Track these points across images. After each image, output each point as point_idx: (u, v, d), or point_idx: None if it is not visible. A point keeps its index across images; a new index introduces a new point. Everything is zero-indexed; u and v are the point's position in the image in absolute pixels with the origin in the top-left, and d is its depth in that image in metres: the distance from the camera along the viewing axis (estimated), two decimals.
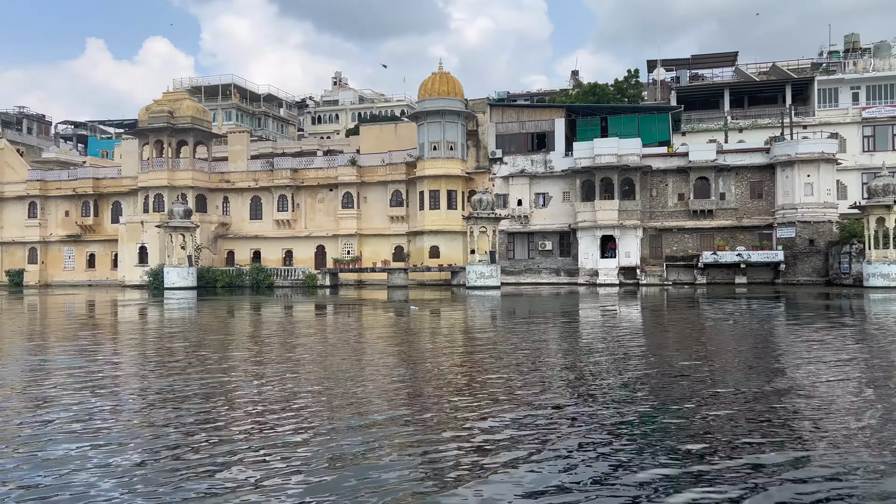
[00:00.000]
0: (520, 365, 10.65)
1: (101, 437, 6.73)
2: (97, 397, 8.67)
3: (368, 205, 45.83)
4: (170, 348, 13.94)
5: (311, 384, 9.33)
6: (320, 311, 24.87)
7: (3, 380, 10.03)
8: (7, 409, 8.03)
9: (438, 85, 42.56)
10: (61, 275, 51.70)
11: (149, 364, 11.65)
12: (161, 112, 46.70)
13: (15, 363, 11.78)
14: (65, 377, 10.11)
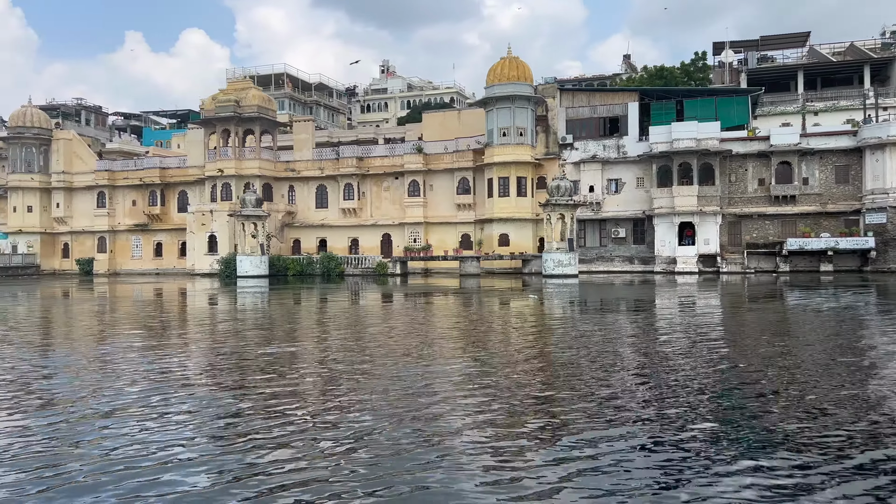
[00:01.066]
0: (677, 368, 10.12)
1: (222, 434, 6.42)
2: (234, 390, 8.41)
3: (434, 192, 45.45)
4: (314, 337, 13.70)
5: (487, 373, 8.94)
6: (418, 299, 24.55)
7: (134, 376, 9.87)
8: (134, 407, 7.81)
9: (508, 70, 41.83)
10: (129, 263, 52.54)
11: (287, 357, 11.41)
12: (227, 101, 46.90)
13: (149, 358, 11.65)
14: (211, 361, 9.91)
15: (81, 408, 7.38)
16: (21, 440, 6.20)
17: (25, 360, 10.84)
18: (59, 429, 6.56)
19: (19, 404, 7.76)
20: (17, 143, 52.52)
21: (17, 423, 6.91)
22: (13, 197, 52.87)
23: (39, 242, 53.11)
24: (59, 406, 7.53)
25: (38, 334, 15.08)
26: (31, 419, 6.99)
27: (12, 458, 5.68)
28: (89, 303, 25.14)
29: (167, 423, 6.70)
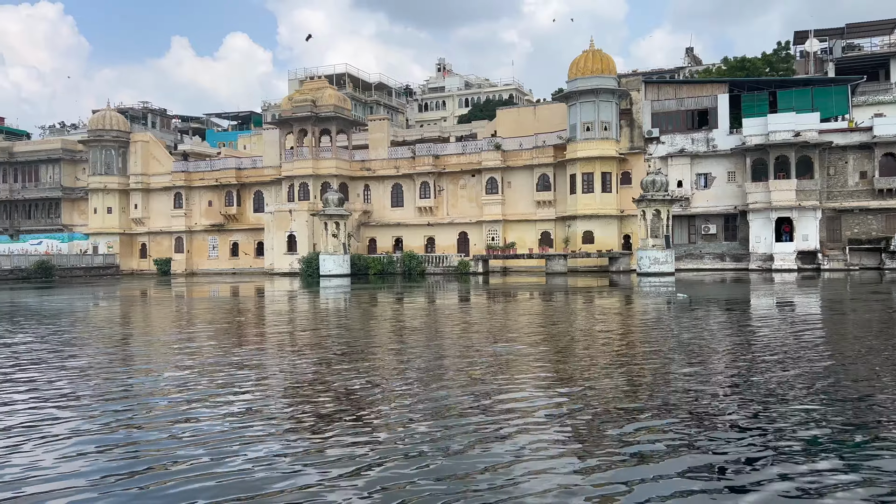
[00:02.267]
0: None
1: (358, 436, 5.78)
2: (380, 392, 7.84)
3: (513, 189, 44.77)
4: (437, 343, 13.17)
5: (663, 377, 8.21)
6: (526, 299, 23.89)
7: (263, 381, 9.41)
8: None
9: (591, 63, 40.89)
10: (205, 263, 53.22)
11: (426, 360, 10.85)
12: (304, 101, 47.05)
13: (270, 363, 11.23)
14: (346, 368, 9.40)
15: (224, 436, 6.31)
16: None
17: (170, 363, 10.57)
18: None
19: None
20: (98, 146, 53.69)
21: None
22: (94, 198, 54.07)
23: (118, 243, 54.20)
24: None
25: (168, 338, 14.92)
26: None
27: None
28: (198, 305, 25.15)
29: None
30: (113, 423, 6.70)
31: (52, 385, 8.73)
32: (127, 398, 7.91)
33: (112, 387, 8.55)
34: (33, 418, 6.96)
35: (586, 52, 41.80)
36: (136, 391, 8.35)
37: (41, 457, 5.67)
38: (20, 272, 45.51)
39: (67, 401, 7.79)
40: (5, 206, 57.58)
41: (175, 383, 8.63)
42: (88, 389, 8.44)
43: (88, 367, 10.00)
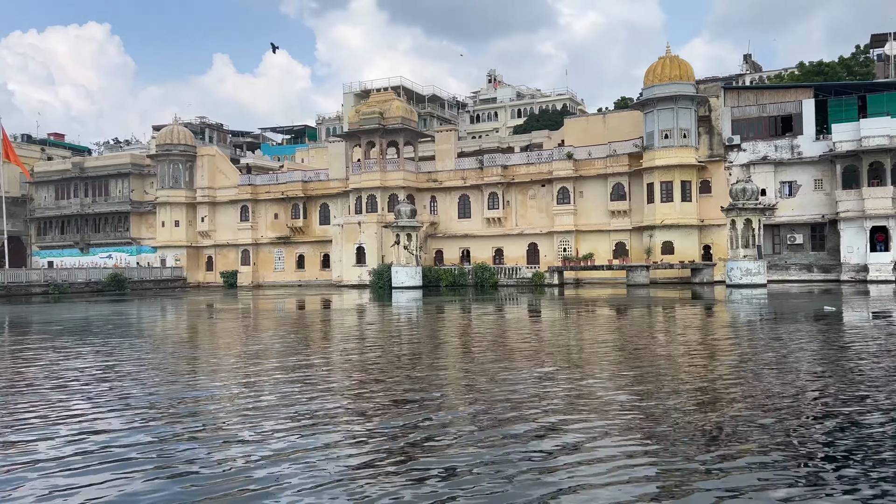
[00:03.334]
0: None
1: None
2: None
3: (585, 199, 43.90)
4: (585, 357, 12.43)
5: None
6: (624, 312, 23.01)
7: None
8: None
9: (669, 69, 39.95)
10: (271, 276, 53.44)
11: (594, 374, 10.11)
12: (372, 114, 47.05)
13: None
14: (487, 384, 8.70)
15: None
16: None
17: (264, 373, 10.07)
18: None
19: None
20: (165, 160, 54.54)
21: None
22: (161, 212, 54.86)
23: (185, 256, 54.82)
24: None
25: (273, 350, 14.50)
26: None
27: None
28: (287, 317, 24.89)
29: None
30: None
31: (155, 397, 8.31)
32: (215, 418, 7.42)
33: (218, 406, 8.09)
34: (125, 428, 6.55)
35: (662, 58, 40.90)
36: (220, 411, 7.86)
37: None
38: (94, 285, 46.28)
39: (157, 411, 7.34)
40: (76, 221, 58.83)
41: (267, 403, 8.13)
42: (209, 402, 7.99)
43: (214, 382, 9.60)
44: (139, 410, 7.90)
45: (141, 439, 6.58)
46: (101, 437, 6.65)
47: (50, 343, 15.38)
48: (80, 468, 5.68)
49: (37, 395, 9.05)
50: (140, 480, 5.36)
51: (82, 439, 6.60)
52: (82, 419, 7.51)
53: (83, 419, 7.50)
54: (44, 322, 22.34)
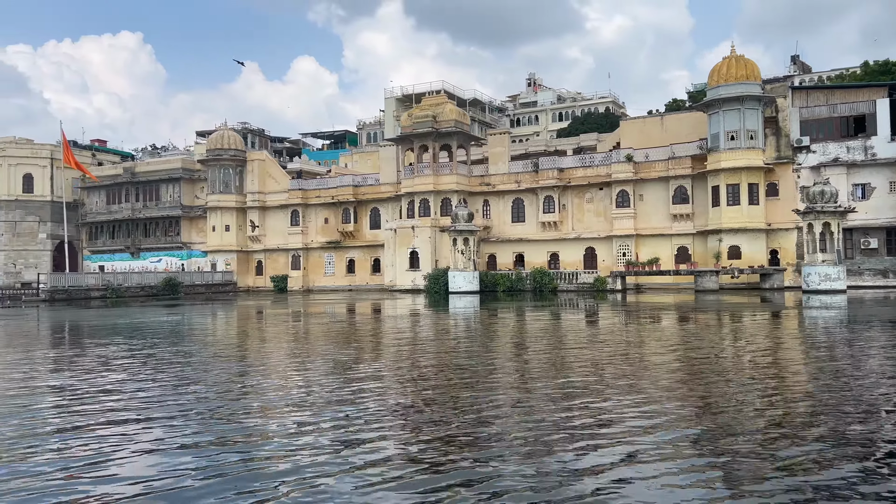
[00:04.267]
0: None
1: None
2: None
3: (645, 203, 42.91)
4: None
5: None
6: (704, 319, 22.10)
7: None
8: None
9: (735, 69, 38.85)
10: (321, 280, 53.29)
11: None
12: (425, 117, 46.66)
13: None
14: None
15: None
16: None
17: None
18: None
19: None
20: (216, 165, 54.76)
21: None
22: (212, 216, 55.08)
23: (235, 260, 54.93)
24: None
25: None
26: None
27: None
28: (348, 322, 24.40)
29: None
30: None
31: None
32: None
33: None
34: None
35: (727, 58, 39.81)
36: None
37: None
38: (150, 289, 46.50)
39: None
40: (127, 225, 59.37)
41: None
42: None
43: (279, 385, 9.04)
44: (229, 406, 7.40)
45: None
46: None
47: (147, 349, 15.08)
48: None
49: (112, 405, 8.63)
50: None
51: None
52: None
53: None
54: (128, 327, 22.18)
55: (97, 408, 8.58)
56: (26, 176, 58.73)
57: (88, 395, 9.38)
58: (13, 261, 58.19)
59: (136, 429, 7.35)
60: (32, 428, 7.49)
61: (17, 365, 12.65)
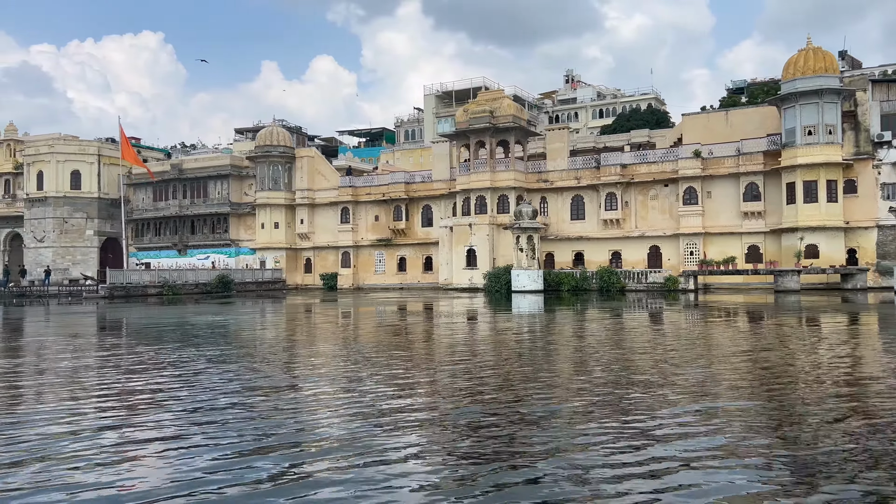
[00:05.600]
0: None
1: None
2: None
3: (713, 200, 41.61)
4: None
5: None
6: (810, 321, 20.88)
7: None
8: None
9: (813, 62, 37.44)
10: (372, 278, 52.56)
11: None
12: (482, 113, 45.69)
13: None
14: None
15: None
16: None
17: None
18: None
19: None
20: (265, 162, 54.22)
21: None
22: (261, 214, 54.56)
23: (284, 258, 54.36)
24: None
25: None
26: None
27: None
28: (427, 323, 23.44)
29: None
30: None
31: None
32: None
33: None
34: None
35: (803, 50, 38.41)
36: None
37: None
38: (203, 286, 46.02)
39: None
40: (173, 222, 59.06)
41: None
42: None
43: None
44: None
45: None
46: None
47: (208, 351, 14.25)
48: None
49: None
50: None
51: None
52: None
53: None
54: (206, 325, 21.46)
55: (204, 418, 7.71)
56: (74, 172, 58.60)
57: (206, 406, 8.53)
58: (61, 257, 58.09)
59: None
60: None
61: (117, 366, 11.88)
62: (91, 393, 9.28)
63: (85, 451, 6.23)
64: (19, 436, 6.81)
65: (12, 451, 6.23)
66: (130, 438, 6.78)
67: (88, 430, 7.07)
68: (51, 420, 7.51)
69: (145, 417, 7.82)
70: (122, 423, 7.52)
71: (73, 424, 7.32)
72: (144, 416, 7.86)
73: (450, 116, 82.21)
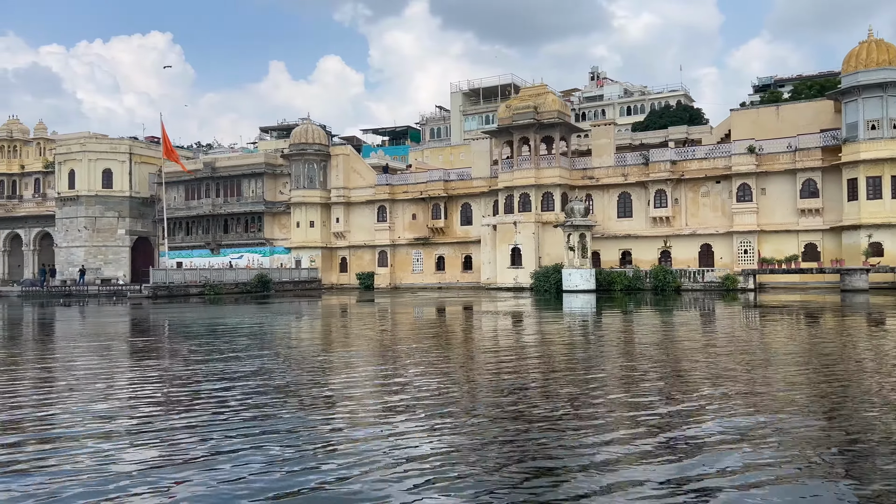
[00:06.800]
0: None
1: None
2: None
3: (767, 197, 40.53)
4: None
5: None
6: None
7: None
8: None
9: (876, 53, 36.34)
10: (409, 278, 51.73)
11: None
12: (526, 108, 44.74)
13: None
14: None
15: None
16: None
17: None
18: None
19: None
20: (300, 160, 53.48)
21: None
22: (296, 212, 53.81)
23: (320, 257, 53.60)
24: None
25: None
26: None
27: None
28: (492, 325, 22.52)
29: None
30: None
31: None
32: None
33: None
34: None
35: (864, 42, 37.30)
36: None
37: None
38: (243, 286, 45.33)
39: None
40: (206, 221, 58.40)
41: None
42: None
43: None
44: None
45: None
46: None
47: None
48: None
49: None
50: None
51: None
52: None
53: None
54: (255, 327, 20.64)
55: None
56: (105, 171, 58.04)
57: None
58: (93, 256, 57.52)
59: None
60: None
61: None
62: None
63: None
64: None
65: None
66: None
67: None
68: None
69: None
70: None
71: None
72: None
73: (477, 114, 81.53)
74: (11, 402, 8.57)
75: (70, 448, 6.24)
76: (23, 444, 6.49)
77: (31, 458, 5.90)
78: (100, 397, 8.86)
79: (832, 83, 53.33)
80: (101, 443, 6.37)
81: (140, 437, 6.59)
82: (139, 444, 6.32)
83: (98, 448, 6.16)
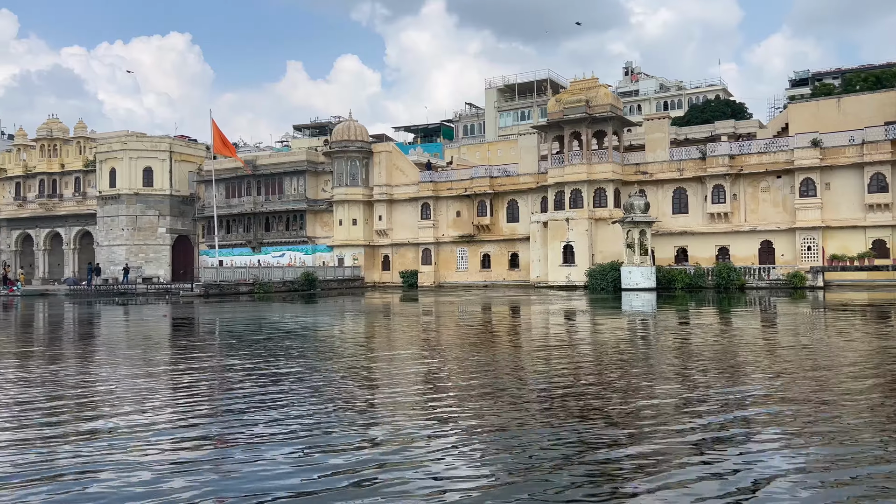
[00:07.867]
0: None
1: None
2: None
3: (832, 192, 39.22)
4: None
5: None
6: None
7: None
8: None
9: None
10: (453, 276, 50.96)
11: None
12: (577, 102, 43.73)
13: None
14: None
15: None
16: None
17: None
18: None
19: None
20: (343, 157, 52.90)
21: None
22: (339, 210, 53.25)
23: (362, 255, 53.02)
24: None
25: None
26: None
27: None
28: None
29: None
30: None
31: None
32: None
33: None
34: None
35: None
36: None
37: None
38: (290, 284, 44.88)
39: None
40: (247, 219, 58.06)
41: None
42: None
43: None
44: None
45: None
46: None
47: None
48: None
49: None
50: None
51: None
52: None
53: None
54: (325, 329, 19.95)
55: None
56: (146, 169, 57.87)
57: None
58: (134, 255, 57.40)
59: None
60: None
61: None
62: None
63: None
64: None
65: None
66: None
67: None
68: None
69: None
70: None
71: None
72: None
73: (512, 110, 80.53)
74: (195, 410, 7.89)
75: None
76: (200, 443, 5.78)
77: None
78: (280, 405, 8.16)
79: (888, 74, 51.89)
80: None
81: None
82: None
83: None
